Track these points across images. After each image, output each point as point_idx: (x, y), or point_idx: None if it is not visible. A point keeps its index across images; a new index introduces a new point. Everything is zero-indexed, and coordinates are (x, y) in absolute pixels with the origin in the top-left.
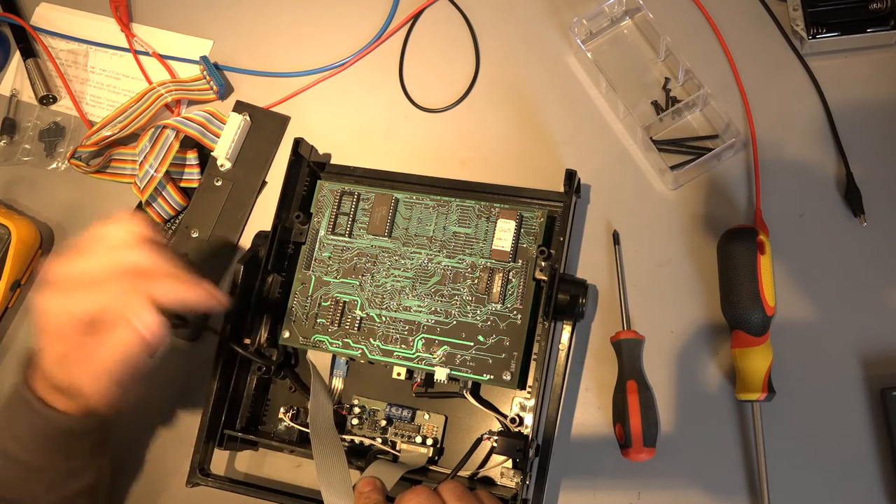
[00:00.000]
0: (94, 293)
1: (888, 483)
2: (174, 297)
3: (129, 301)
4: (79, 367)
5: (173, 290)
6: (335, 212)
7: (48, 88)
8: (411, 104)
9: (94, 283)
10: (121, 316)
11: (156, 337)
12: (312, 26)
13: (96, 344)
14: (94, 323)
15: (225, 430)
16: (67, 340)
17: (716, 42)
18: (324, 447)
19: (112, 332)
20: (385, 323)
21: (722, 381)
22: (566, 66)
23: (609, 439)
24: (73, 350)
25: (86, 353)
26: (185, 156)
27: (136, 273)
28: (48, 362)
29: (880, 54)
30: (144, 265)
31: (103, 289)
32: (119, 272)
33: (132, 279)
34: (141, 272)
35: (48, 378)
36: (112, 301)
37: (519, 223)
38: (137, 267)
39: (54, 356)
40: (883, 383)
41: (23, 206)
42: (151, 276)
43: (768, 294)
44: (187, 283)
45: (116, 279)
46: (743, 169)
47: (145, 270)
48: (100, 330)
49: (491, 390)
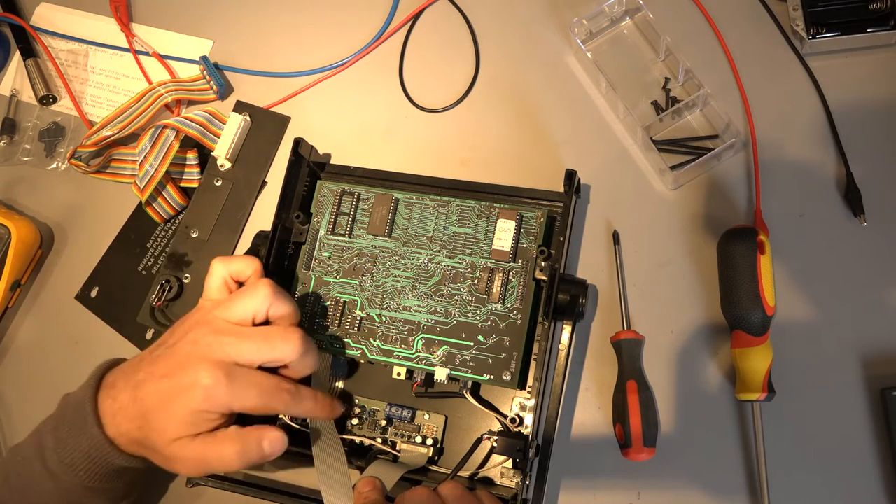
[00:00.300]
0: (253, 396)
1: (888, 483)
2: (306, 415)
3: (270, 409)
4: (188, 454)
5: (309, 411)
6: (335, 212)
7: (48, 88)
8: (411, 104)
9: (257, 387)
10: (253, 430)
11: (274, 454)
12: (312, 26)
13: (216, 442)
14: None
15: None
16: (197, 426)
17: (716, 42)
18: (324, 447)
19: (241, 439)
20: (385, 323)
21: (722, 381)
22: (566, 66)
23: (609, 439)
24: (199, 443)
25: (207, 449)
26: (185, 156)
27: (286, 389)
28: (158, 436)
29: (880, 54)
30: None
31: (261, 394)
32: (274, 383)
33: (283, 393)
34: (290, 389)
35: (139, 441)
36: (259, 408)
37: (519, 223)
38: (286, 385)
39: (170, 435)
40: (883, 383)
41: (23, 206)
42: (298, 395)
43: (768, 294)
44: (318, 401)
45: (274, 389)
46: (743, 169)
47: (293, 389)
48: (225, 435)
49: (491, 390)
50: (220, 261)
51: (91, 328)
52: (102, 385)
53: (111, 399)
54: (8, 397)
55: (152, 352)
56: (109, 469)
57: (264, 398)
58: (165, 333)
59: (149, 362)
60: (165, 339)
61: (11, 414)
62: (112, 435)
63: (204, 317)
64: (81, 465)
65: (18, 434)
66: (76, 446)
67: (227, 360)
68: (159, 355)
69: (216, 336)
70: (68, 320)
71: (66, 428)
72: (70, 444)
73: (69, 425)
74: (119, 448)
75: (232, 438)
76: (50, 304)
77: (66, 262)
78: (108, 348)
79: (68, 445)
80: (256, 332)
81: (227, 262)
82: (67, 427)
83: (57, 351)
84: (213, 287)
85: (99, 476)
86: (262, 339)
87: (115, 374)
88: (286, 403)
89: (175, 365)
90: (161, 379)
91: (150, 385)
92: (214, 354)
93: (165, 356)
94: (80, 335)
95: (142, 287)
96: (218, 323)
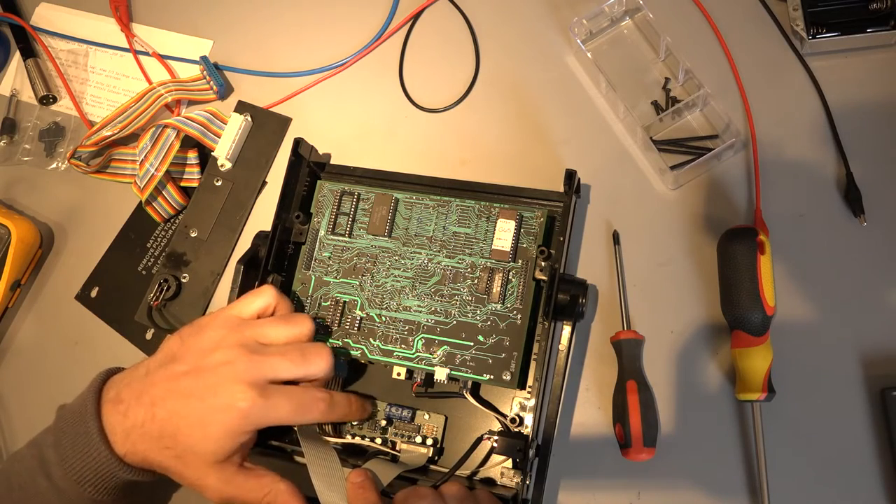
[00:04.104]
0: (289, 410)
1: (888, 483)
2: (341, 420)
3: (307, 420)
4: (221, 488)
5: (344, 416)
6: (335, 212)
7: (48, 88)
8: (411, 104)
9: (292, 401)
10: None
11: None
12: (312, 26)
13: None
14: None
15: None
16: (232, 446)
17: (716, 42)
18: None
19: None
20: (385, 323)
21: (722, 381)
22: (566, 66)
23: (609, 439)
24: (236, 483)
25: (239, 489)
26: (186, 155)
27: (321, 398)
28: (192, 457)
29: (880, 54)
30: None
31: (298, 408)
32: (309, 396)
33: (319, 403)
34: (325, 398)
35: (161, 463)
36: (296, 420)
37: (519, 223)
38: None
39: (205, 458)
40: (883, 383)
41: (23, 206)
42: (332, 403)
43: (768, 294)
44: (352, 404)
45: (310, 401)
46: (743, 169)
47: (327, 398)
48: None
49: (491, 390)
50: (273, 291)
51: (91, 328)
52: (104, 398)
53: (119, 415)
54: (8, 397)
55: (166, 366)
56: (118, 483)
57: (301, 411)
58: (174, 342)
59: (167, 378)
60: (180, 354)
61: (11, 414)
62: (122, 452)
63: (234, 335)
64: (90, 479)
65: (18, 434)
66: (83, 462)
67: (261, 379)
68: (181, 373)
69: (249, 356)
70: (68, 320)
71: (69, 443)
72: (75, 461)
73: (71, 441)
74: (130, 465)
75: (268, 482)
76: (50, 304)
77: (66, 262)
78: (108, 348)
79: (73, 461)
80: (292, 349)
81: (280, 297)
82: (70, 442)
83: (57, 351)
84: (251, 307)
85: (107, 490)
86: (300, 355)
87: (117, 387)
88: (323, 413)
89: (207, 386)
90: (189, 399)
91: (175, 404)
92: (248, 376)
93: (195, 375)
94: (80, 335)
95: (142, 287)
96: (246, 341)
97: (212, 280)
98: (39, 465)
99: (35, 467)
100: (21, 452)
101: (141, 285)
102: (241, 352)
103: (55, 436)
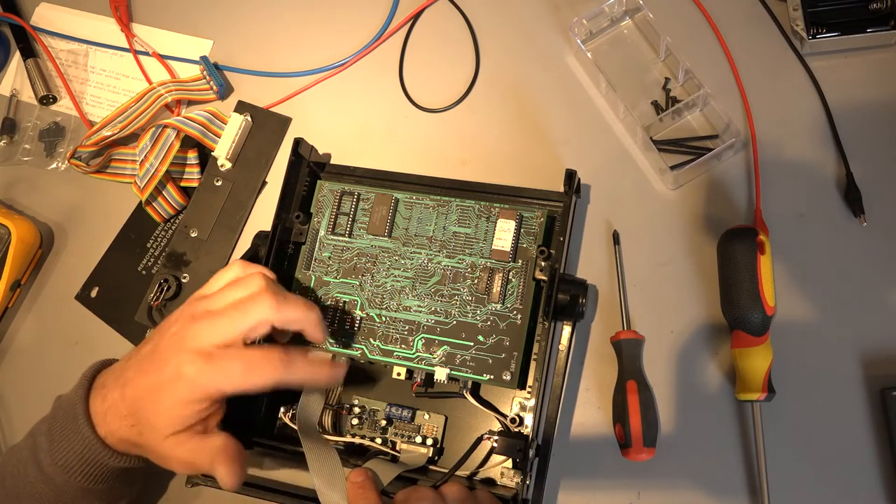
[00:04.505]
0: (239, 371)
1: (888, 483)
2: (306, 381)
3: (264, 381)
4: (180, 454)
5: (307, 375)
6: (335, 212)
7: (48, 88)
8: (411, 104)
9: (240, 360)
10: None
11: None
12: (312, 26)
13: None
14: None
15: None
16: (189, 418)
17: (716, 42)
18: (312, 442)
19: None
20: (385, 323)
21: (722, 381)
22: (566, 66)
23: (609, 439)
24: (192, 444)
25: (198, 450)
26: (186, 155)
27: (275, 356)
28: (151, 433)
29: (880, 54)
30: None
31: (247, 367)
32: (260, 353)
33: (271, 361)
34: (280, 356)
35: (132, 440)
36: (252, 383)
37: (519, 223)
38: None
39: (162, 431)
40: (883, 383)
41: (23, 206)
42: (289, 360)
43: (768, 294)
44: (314, 363)
45: (260, 358)
46: (743, 169)
47: (283, 355)
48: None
49: (491, 390)
50: (242, 264)
51: (91, 328)
52: (94, 385)
53: (101, 399)
54: (8, 397)
55: (139, 350)
56: (104, 470)
57: (252, 370)
58: (152, 330)
59: (137, 360)
60: (151, 337)
61: (11, 414)
62: (103, 434)
63: (185, 308)
64: (75, 466)
65: (18, 434)
66: (69, 447)
67: (207, 345)
68: (146, 353)
69: (192, 324)
70: (68, 320)
71: (59, 429)
72: (63, 446)
73: (61, 427)
74: (111, 448)
75: (221, 442)
76: (50, 304)
77: (66, 262)
78: (108, 348)
79: (61, 447)
80: (229, 306)
81: (249, 266)
82: (60, 428)
83: (57, 351)
84: (218, 283)
85: (94, 477)
86: (233, 309)
87: (105, 375)
88: (279, 371)
89: (158, 360)
90: (147, 375)
91: (137, 381)
92: (194, 342)
93: (151, 352)
94: (80, 335)
95: (142, 287)
96: (195, 311)
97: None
98: (31, 454)
99: (27, 457)
100: (18, 444)
101: (141, 285)
102: (187, 321)
103: (48, 423)
